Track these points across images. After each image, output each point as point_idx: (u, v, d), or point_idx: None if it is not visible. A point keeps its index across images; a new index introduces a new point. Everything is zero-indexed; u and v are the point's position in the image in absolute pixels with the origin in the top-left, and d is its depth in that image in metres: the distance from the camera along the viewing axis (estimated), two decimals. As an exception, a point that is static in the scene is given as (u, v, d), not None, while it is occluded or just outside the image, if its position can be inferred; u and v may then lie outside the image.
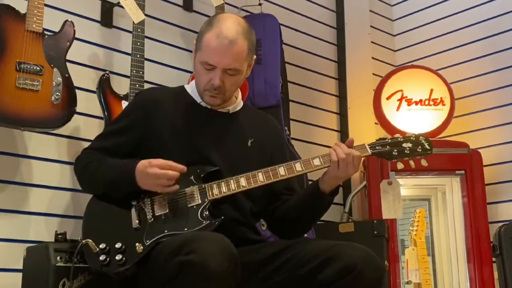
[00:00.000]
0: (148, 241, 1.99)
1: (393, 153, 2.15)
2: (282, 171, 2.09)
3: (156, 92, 2.34)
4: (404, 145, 2.16)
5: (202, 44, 2.15)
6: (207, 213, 2.04)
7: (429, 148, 2.17)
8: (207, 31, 2.15)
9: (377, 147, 2.15)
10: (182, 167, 2.05)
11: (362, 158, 2.15)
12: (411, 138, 2.18)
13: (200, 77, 2.18)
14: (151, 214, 2.06)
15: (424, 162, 2.17)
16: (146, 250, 1.97)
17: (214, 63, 2.13)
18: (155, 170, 2.03)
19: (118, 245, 2.00)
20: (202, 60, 2.14)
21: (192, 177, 2.10)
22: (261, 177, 2.08)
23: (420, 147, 2.16)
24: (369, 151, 2.14)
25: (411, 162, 2.17)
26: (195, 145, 2.15)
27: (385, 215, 2.33)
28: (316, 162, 2.10)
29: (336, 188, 2.16)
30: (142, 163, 2.06)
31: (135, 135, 2.20)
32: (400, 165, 2.16)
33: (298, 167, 2.10)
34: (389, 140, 2.17)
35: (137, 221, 2.06)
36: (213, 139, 2.19)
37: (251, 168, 2.10)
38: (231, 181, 2.07)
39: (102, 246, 2.01)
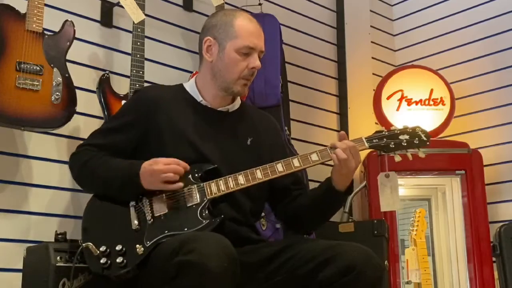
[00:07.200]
0: (148, 242, 1.99)
1: (390, 145, 2.14)
2: (280, 167, 2.09)
3: (155, 91, 2.33)
4: (401, 137, 2.15)
5: (236, 31, 2.17)
6: (206, 212, 2.03)
7: (426, 139, 2.16)
8: (233, 20, 2.19)
9: (374, 140, 2.15)
10: (186, 165, 2.06)
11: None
12: (408, 130, 2.17)
13: (235, 66, 2.18)
14: (151, 214, 2.06)
15: (421, 154, 2.16)
16: (147, 252, 1.97)
17: (254, 45, 2.18)
18: (160, 166, 2.03)
19: (118, 247, 2.00)
20: (241, 45, 2.16)
21: (190, 176, 2.09)
22: (259, 175, 2.08)
23: (417, 138, 2.15)
24: (366, 145, 2.13)
25: (409, 154, 2.16)
26: (194, 144, 2.15)
27: (383, 208, 2.33)
28: (314, 157, 2.10)
29: (350, 186, 2.15)
30: (147, 163, 2.06)
31: (134, 134, 2.19)
32: (397, 158, 2.16)
33: (296, 163, 2.10)
34: (386, 133, 2.16)
35: (136, 222, 2.05)
36: (212, 138, 2.19)
37: (250, 167, 2.10)
38: (230, 179, 2.07)
39: (102, 248, 2.01)
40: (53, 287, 2.16)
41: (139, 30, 2.82)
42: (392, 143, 2.14)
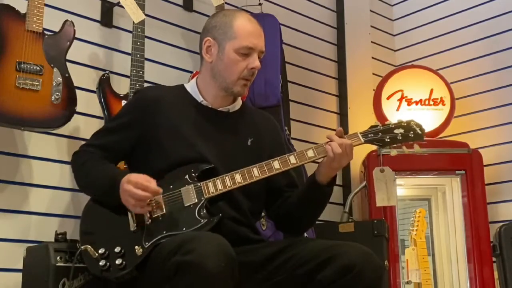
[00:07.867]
0: (147, 243, 1.99)
1: (386, 140, 2.15)
2: (276, 164, 2.09)
3: (156, 91, 2.33)
4: (396, 131, 2.16)
5: (235, 31, 2.17)
6: (204, 211, 2.03)
7: (421, 133, 2.17)
8: (233, 20, 2.19)
9: (369, 135, 2.15)
10: (157, 190, 2.00)
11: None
12: (403, 123, 2.19)
13: (235, 66, 2.18)
14: (148, 215, 2.05)
15: (417, 148, 2.16)
16: (146, 253, 1.97)
17: (254, 45, 2.17)
18: (129, 187, 1.99)
19: (117, 249, 2.00)
20: (240, 45, 2.16)
21: (187, 176, 2.09)
22: (256, 172, 2.08)
23: (412, 132, 2.16)
24: (362, 139, 2.14)
25: (404, 148, 2.17)
26: (194, 144, 2.15)
27: (379, 203, 2.33)
28: (310, 153, 2.11)
29: (333, 179, 2.16)
30: (125, 178, 2.02)
31: (134, 134, 2.19)
32: (393, 152, 2.16)
33: (292, 159, 2.10)
34: (381, 127, 2.17)
35: (134, 224, 2.05)
36: (212, 138, 2.19)
37: (250, 167, 2.10)
38: (227, 177, 2.07)
39: (101, 251, 2.00)
40: (53, 287, 2.16)
41: (139, 30, 2.83)
42: (388, 137, 2.15)
